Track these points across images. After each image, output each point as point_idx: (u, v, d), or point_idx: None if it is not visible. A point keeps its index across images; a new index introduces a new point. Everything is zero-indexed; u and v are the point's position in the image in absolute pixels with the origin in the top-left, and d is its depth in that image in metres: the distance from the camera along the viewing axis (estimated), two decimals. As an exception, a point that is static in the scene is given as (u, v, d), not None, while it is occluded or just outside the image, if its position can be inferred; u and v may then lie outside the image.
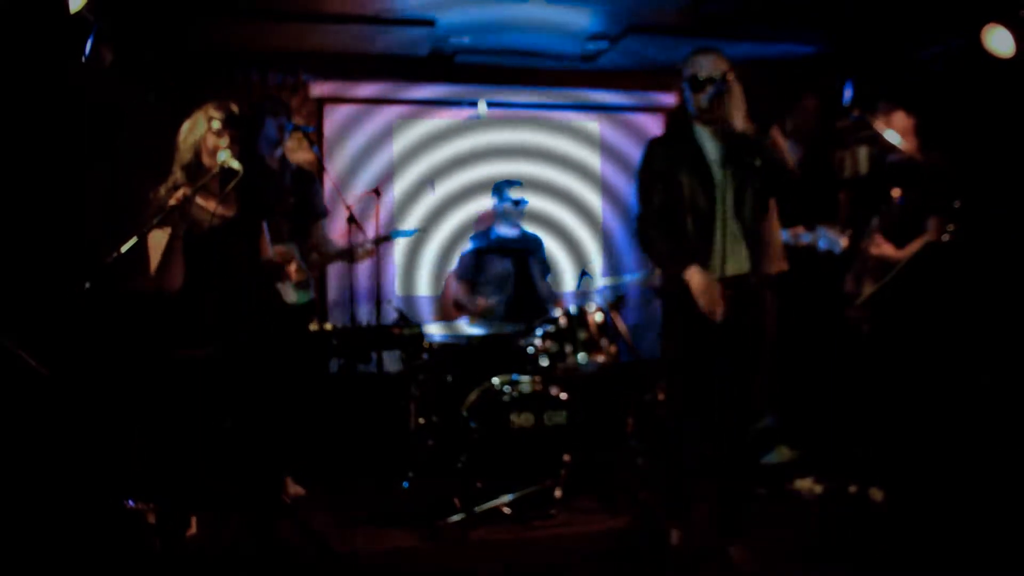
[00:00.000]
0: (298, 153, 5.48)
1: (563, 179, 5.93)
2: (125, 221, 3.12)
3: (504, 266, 4.95)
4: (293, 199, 4.27)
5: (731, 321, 3.26)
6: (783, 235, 4.26)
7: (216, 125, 3.05)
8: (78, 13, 3.40)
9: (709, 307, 3.20)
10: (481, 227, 5.37)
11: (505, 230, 5.05)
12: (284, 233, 4.06)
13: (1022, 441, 3.76)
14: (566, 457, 3.88)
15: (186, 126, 3.11)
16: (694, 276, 3.23)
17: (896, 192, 3.66)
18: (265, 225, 3.33)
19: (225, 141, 3.04)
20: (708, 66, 3.27)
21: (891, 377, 3.96)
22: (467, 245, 5.07)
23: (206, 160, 3.07)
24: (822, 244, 4.10)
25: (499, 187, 5.01)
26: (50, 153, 3.89)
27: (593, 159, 5.99)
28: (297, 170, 4.46)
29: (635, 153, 5.99)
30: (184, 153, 3.09)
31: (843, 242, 4.09)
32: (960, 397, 3.97)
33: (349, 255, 4.35)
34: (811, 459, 4.35)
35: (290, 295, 4.16)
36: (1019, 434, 3.80)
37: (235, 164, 2.92)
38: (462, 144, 5.68)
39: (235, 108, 3.11)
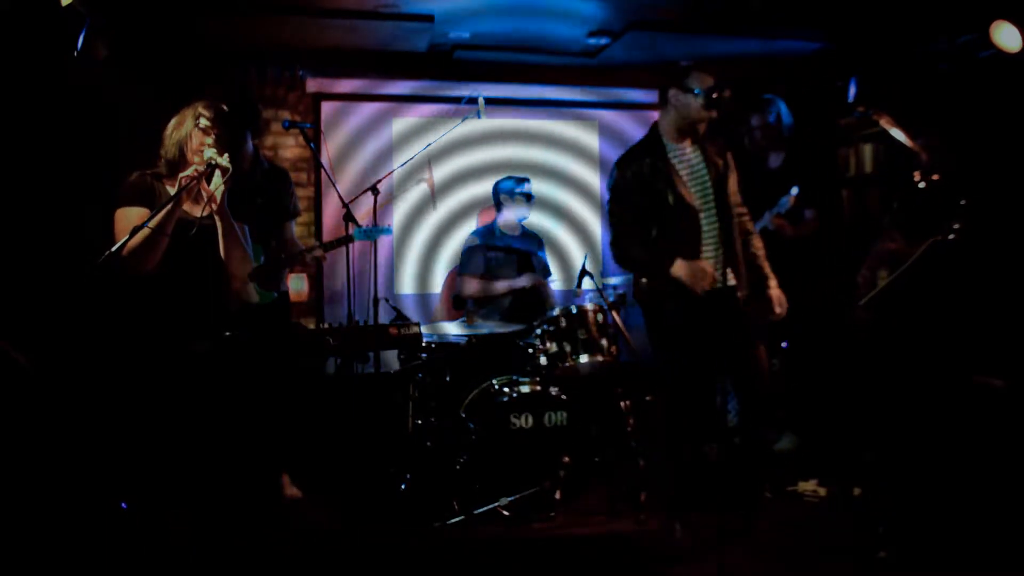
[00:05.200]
0: (294, 149, 5.45)
1: (563, 177, 5.89)
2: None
3: (510, 264, 4.90)
4: (261, 199, 4.18)
5: (718, 329, 3.41)
6: None
7: (204, 123, 2.99)
8: (70, 6, 3.35)
9: (701, 287, 3.37)
10: (483, 224, 5.33)
11: (509, 228, 5.00)
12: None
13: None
14: (566, 458, 3.84)
15: (173, 122, 3.05)
16: (679, 268, 3.38)
17: (917, 175, 3.62)
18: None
19: (211, 140, 2.98)
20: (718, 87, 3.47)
21: (895, 377, 3.93)
22: (469, 241, 5.01)
23: (190, 158, 3.01)
24: (766, 221, 4.31)
25: (507, 184, 4.95)
26: (46, 148, 3.85)
27: (593, 156, 5.94)
28: (270, 169, 4.38)
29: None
30: (169, 148, 3.03)
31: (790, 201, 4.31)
32: (964, 398, 3.94)
33: (301, 259, 4.27)
34: (816, 461, 4.32)
35: (251, 294, 4.04)
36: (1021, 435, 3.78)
37: (223, 161, 2.86)
38: (461, 141, 5.63)
39: (225, 108, 3.04)
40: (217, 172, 2.88)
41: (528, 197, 4.94)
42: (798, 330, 4.53)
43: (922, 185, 3.66)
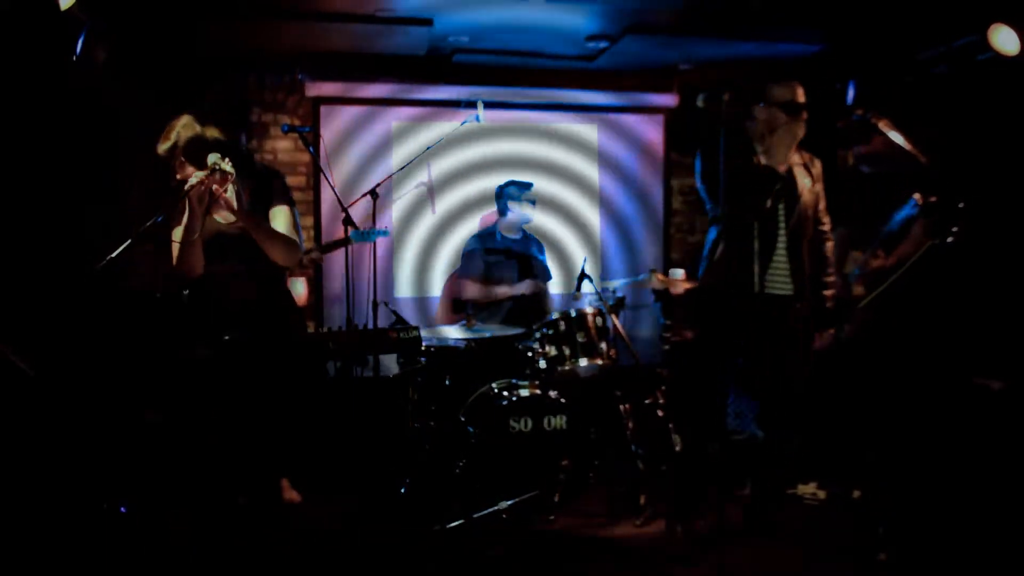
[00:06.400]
0: (293, 153, 5.45)
1: (561, 180, 5.89)
2: (124, 221, 3.09)
3: (510, 268, 4.90)
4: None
5: (750, 333, 3.48)
6: None
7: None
8: (68, 11, 3.36)
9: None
10: (484, 227, 5.33)
11: (509, 232, 5.00)
12: None
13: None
14: (565, 461, 3.83)
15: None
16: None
17: (918, 196, 3.64)
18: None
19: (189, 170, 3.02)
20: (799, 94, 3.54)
21: (895, 379, 3.93)
22: (469, 244, 5.01)
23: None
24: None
25: (510, 188, 4.95)
26: (46, 151, 3.85)
27: (592, 159, 5.95)
28: (263, 171, 4.38)
29: (633, 153, 5.99)
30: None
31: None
32: (963, 399, 3.94)
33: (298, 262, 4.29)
34: (815, 463, 4.32)
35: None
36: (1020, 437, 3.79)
37: (226, 166, 2.86)
38: (459, 145, 5.64)
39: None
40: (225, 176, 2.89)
41: (531, 202, 4.95)
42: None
43: (920, 205, 3.68)
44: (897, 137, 3.77)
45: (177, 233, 3.01)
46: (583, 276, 4.28)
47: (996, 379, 3.95)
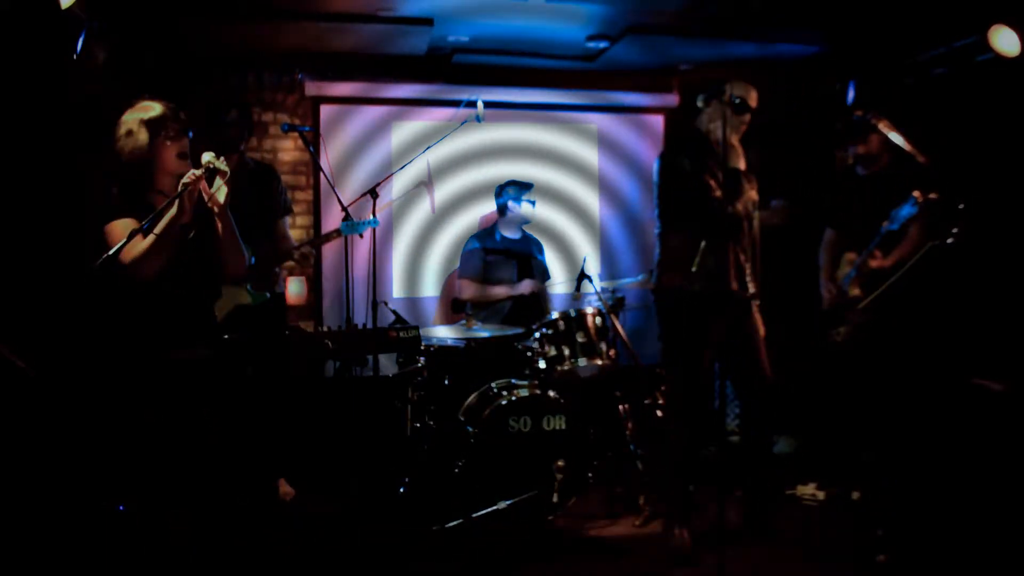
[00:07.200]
0: (293, 152, 5.46)
1: (561, 180, 5.89)
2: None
3: (509, 268, 4.91)
4: (249, 200, 4.15)
5: (733, 331, 3.51)
6: None
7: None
8: (69, 10, 3.35)
9: None
10: (484, 227, 5.33)
11: (509, 232, 5.00)
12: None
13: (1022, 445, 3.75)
14: (564, 462, 3.83)
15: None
16: None
17: (917, 194, 3.64)
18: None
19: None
20: (753, 97, 3.56)
21: (895, 380, 3.93)
22: (469, 245, 5.01)
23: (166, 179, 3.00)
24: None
25: (511, 189, 4.95)
26: (46, 151, 3.85)
27: (592, 159, 5.95)
28: (256, 168, 4.38)
29: (634, 154, 5.99)
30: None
31: None
32: (963, 401, 3.94)
33: (290, 256, 4.29)
34: (815, 464, 4.32)
35: (242, 297, 4.01)
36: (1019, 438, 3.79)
37: (221, 164, 2.85)
38: (459, 144, 5.64)
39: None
40: (216, 174, 2.88)
41: (531, 202, 4.96)
42: (795, 332, 4.54)
43: (920, 204, 3.67)
44: (896, 138, 3.78)
45: (122, 226, 2.84)
46: (583, 276, 4.28)
47: (996, 380, 3.96)
